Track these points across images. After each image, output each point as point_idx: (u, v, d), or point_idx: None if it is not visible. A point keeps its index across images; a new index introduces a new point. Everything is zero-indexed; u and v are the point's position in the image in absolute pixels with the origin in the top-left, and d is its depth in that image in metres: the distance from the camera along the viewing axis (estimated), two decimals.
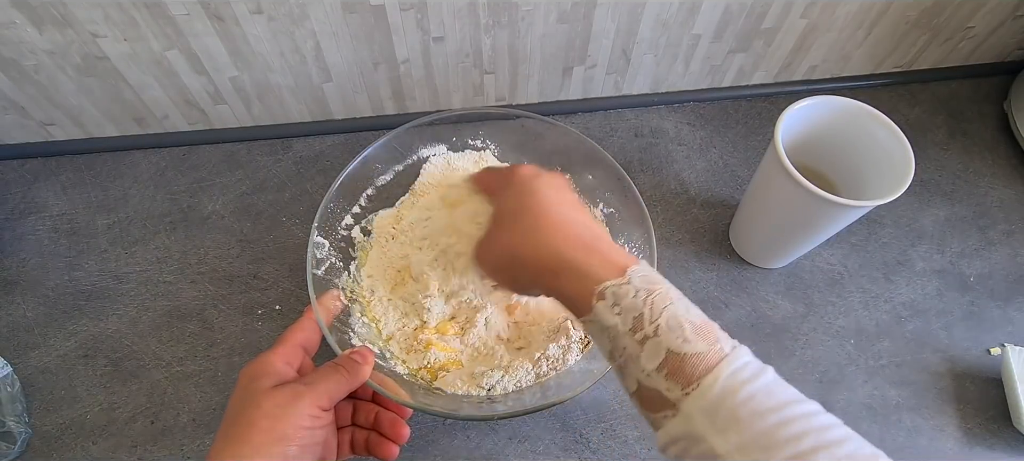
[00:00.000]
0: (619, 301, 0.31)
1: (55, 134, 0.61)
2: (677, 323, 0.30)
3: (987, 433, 0.51)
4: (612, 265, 0.33)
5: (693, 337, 0.29)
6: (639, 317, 0.30)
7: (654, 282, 0.32)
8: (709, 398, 0.28)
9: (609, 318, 0.32)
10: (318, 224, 0.50)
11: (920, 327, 0.56)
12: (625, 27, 0.59)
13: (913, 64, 0.71)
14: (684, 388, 0.29)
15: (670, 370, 0.29)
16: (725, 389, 0.28)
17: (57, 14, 0.49)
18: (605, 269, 0.32)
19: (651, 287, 0.31)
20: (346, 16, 0.53)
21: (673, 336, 0.30)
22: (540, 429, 0.50)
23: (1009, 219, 0.62)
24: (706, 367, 0.29)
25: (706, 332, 0.30)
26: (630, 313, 0.31)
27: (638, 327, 0.30)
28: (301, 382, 0.37)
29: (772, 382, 0.29)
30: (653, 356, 0.30)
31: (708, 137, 0.66)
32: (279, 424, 0.34)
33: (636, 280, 0.31)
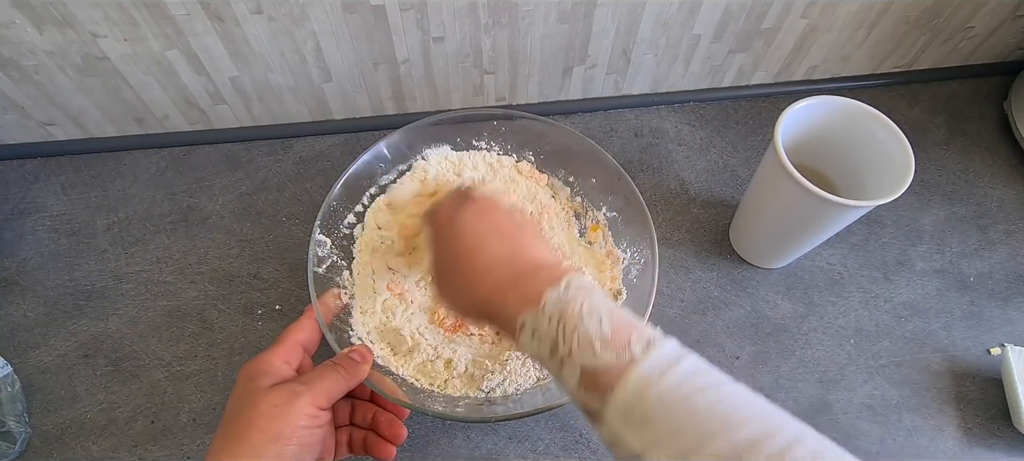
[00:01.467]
0: (536, 330, 0.33)
1: (55, 134, 0.61)
2: (587, 341, 0.31)
3: (987, 433, 0.51)
4: (527, 297, 0.34)
5: (602, 351, 0.31)
6: (554, 342, 0.32)
7: (566, 303, 0.33)
8: (622, 403, 0.29)
9: (531, 347, 0.33)
10: (320, 222, 0.50)
11: (920, 327, 0.56)
12: (625, 27, 0.59)
13: (913, 64, 0.71)
14: (601, 398, 0.30)
15: (587, 385, 0.31)
16: (635, 391, 0.29)
17: (57, 14, 0.49)
18: (522, 303, 0.34)
19: (563, 309, 0.32)
20: (346, 16, 0.53)
21: (584, 354, 0.31)
22: (540, 429, 0.50)
23: (1009, 219, 0.62)
24: (616, 375, 0.30)
25: (616, 340, 0.31)
26: (546, 340, 0.32)
27: (554, 351, 0.32)
28: (299, 381, 0.37)
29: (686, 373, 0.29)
30: (571, 375, 0.31)
31: (708, 137, 0.66)
32: (276, 423, 0.35)
33: (550, 305, 0.33)
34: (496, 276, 0.36)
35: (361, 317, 0.50)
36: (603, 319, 0.32)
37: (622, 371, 0.30)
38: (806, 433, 0.27)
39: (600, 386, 0.30)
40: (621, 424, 0.29)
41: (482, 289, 0.37)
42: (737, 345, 0.54)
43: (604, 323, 0.32)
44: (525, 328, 0.34)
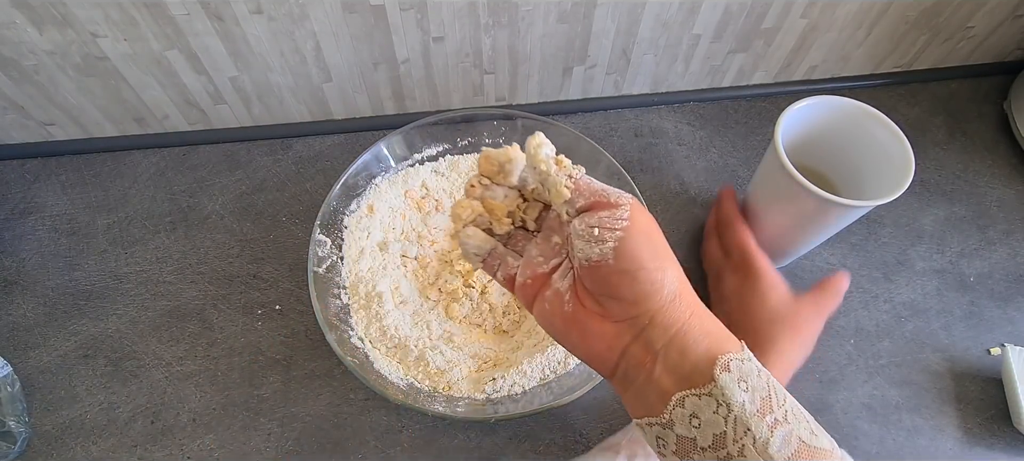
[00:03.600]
0: (745, 377, 0.27)
1: (55, 134, 0.61)
2: (800, 410, 0.27)
3: (987, 433, 0.51)
4: (726, 335, 0.29)
5: (817, 429, 0.27)
6: (767, 398, 0.27)
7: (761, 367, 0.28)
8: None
9: (736, 394, 0.27)
10: (320, 222, 0.50)
11: (920, 327, 0.56)
12: (625, 27, 0.59)
13: (913, 64, 0.71)
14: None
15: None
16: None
17: (57, 14, 0.49)
18: (726, 338, 0.29)
19: (764, 369, 0.28)
20: (346, 16, 0.53)
21: (802, 424, 0.27)
22: (540, 429, 0.50)
23: (1009, 219, 0.62)
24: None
25: (821, 429, 0.27)
26: (758, 392, 0.27)
27: (767, 409, 0.27)
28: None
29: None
30: (786, 444, 0.26)
31: (708, 137, 0.66)
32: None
33: (751, 355, 0.28)
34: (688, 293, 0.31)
35: (363, 314, 0.50)
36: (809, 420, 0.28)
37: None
38: None
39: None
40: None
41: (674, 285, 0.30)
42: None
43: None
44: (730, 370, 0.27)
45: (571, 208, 0.31)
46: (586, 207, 0.31)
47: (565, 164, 0.32)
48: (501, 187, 0.34)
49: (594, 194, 0.31)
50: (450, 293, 0.52)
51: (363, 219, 0.54)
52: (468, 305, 0.51)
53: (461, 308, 0.51)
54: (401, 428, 0.49)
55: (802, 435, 0.26)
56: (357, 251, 0.52)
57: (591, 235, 0.30)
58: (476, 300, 0.52)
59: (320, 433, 0.49)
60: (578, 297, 0.31)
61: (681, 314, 0.29)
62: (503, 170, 0.33)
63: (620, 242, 0.29)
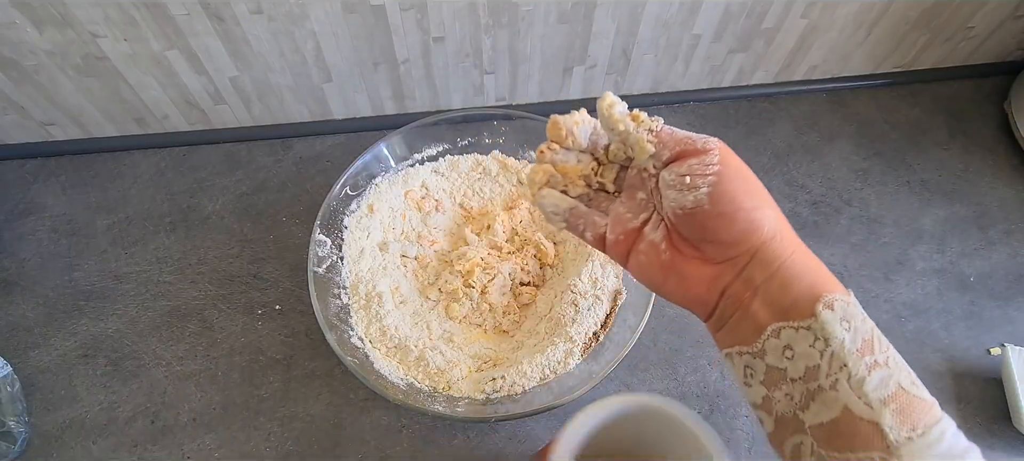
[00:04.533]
0: (849, 318, 0.28)
1: (55, 134, 0.61)
2: (902, 362, 0.27)
3: (987, 433, 0.51)
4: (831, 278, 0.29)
5: (918, 383, 0.27)
6: (869, 341, 0.27)
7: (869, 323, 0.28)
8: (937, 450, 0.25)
9: (837, 331, 0.27)
10: (320, 222, 0.50)
11: (920, 327, 0.56)
12: (625, 27, 0.59)
13: (913, 64, 0.71)
14: (912, 431, 0.25)
15: (899, 407, 0.26)
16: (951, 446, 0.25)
17: (57, 14, 0.49)
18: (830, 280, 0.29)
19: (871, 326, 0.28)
20: (346, 16, 0.53)
21: (903, 373, 0.27)
22: (540, 429, 0.50)
23: (1009, 219, 0.62)
24: (934, 417, 0.26)
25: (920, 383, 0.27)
26: (862, 334, 0.27)
27: (867, 350, 0.27)
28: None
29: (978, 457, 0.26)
30: (883, 386, 0.26)
31: None
32: None
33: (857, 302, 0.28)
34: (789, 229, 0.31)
35: (363, 314, 0.50)
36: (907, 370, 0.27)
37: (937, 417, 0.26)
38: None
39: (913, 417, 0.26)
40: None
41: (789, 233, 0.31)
42: None
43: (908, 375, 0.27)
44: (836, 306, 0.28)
45: (658, 161, 0.32)
46: (673, 157, 0.31)
47: (643, 119, 0.32)
48: (572, 151, 0.34)
49: (680, 142, 0.31)
50: (450, 293, 0.52)
51: (363, 219, 0.54)
52: (468, 305, 0.51)
53: (461, 308, 0.51)
54: (401, 428, 0.49)
55: (903, 381, 0.26)
56: (357, 251, 0.52)
57: (683, 184, 0.30)
58: (476, 300, 0.51)
59: (320, 433, 0.49)
60: (674, 245, 0.32)
61: (783, 251, 0.30)
62: (571, 134, 0.33)
63: (714, 186, 0.29)
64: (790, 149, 0.66)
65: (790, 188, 0.63)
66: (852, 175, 0.64)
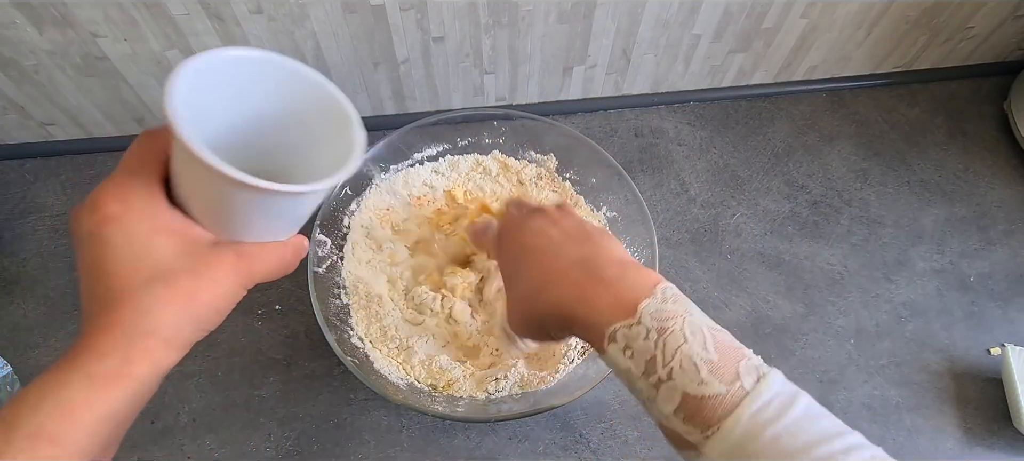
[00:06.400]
0: (630, 344, 0.29)
1: (55, 134, 0.61)
2: (691, 364, 0.28)
3: (987, 433, 0.51)
4: (620, 304, 0.30)
5: (709, 378, 0.27)
6: (651, 360, 0.29)
7: (667, 318, 0.29)
8: (730, 442, 0.26)
9: (622, 363, 0.30)
10: (320, 222, 0.50)
11: (920, 327, 0.56)
12: (625, 27, 0.59)
13: (913, 64, 0.71)
14: (703, 431, 0.27)
15: (687, 414, 0.28)
16: (747, 433, 0.26)
17: (57, 14, 0.49)
18: (613, 310, 0.30)
19: (663, 324, 0.29)
20: (346, 16, 0.53)
21: (687, 379, 0.28)
22: (540, 429, 0.50)
23: (1009, 219, 0.62)
24: (726, 409, 0.27)
25: (725, 369, 0.28)
26: (642, 356, 0.29)
27: (651, 371, 0.29)
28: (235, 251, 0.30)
29: (801, 417, 0.27)
30: (668, 400, 0.28)
31: (708, 137, 0.66)
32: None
33: (647, 318, 0.29)
34: (573, 276, 0.33)
35: (363, 314, 0.50)
36: (707, 340, 0.29)
37: (732, 405, 0.27)
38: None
39: (703, 418, 0.27)
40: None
41: (558, 291, 0.33)
42: None
43: (709, 345, 0.28)
44: (616, 341, 0.30)
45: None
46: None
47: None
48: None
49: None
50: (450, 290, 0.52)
51: (363, 219, 0.54)
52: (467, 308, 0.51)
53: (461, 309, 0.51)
54: (401, 428, 0.49)
55: (687, 387, 0.28)
56: (357, 251, 0.52)
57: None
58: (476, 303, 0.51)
59: (320, 433, 0.49)
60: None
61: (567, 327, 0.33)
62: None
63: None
64: (790, 149, 0.66)
65: (790, 188, 0.63)
66: (852, 175, 0.64)
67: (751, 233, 0.60)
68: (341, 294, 0.51)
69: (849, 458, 0.26)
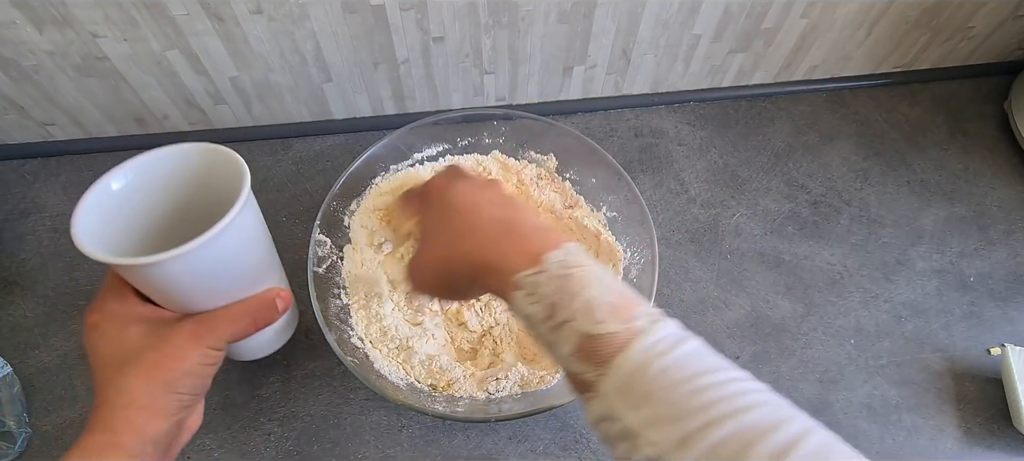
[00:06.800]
0: (535, 290, 0.31)
1: (55, 134, 0.61)
2: (590, 306, 0.29)
3: (987, 433, 0.51)
4: (528, 254, 0.32)
5: (607, 318, 0.29)
6: (553, 305, 0.30)
7: (570, 266, 0.31)
8: (622, 376, 0.28)
9: (526, 308, 0.31)
10: (320, 222, 0.50)
11: (920, 327, 0.56)
12: (625, 27, 0.59)
13: (913, 64, 0.71)
14: (598, 369, 0.29)
15: (584, 353, 0.29)
16: (638, 365, 0.27)
17: (57, 14, 0.49)
18: (522, 259, 0.32)
19: (566, 272, 0.31)
20: (346, 16, 0.53)
21: (585, 319, 0.29)
22: (540, 429, 0.50)
23: (1009, 219, 0.62)
24: (619, 345, 0.28)
25: (622, 311, 0.29)
26: (544, 301, 0.31)
27: (552, 314, 0.30)
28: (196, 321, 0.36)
29: (690, 352, 0.28)
30: (567, 341, 0.30)
31: (708, 137, 0.66)
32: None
33: (552, 267, 0.31)
34: (492, 230, 0.35)
35: (363, 314, 0.50)
36: (607, 289, 0.30)
37: (625, 342, 0.28)
38: (814, 427, 0.26)
39: (599, 355, 0.29)
40: (617, 397, 0.28)
41: (476, 241, 0.35)
42: (737, 345, 0.54)
43: (609, 293, 0.30)
44: (522, 286, 0.31)
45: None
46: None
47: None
48: None
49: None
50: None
51: (363, 219, 0.54)
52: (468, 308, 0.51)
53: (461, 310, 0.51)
54: (401, 428, 0.49)
55: (586, 327, 0.29)
56: (357, 251, 0.52)
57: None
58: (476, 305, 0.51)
59: (320, 433, 0.49)
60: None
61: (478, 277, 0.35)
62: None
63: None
64: (790, 149, 0.66)
65: (790, 188, 0.63)
66: (852, 175, 0.64)
67: (751, 233, 0.60)
68: (341, 294, 0.51)
69: (732, 386, 0.27)
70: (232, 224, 0.34)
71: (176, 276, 0.34)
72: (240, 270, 0.37)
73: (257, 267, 0.39)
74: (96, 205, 0.36)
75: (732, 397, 0.26)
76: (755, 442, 0.25)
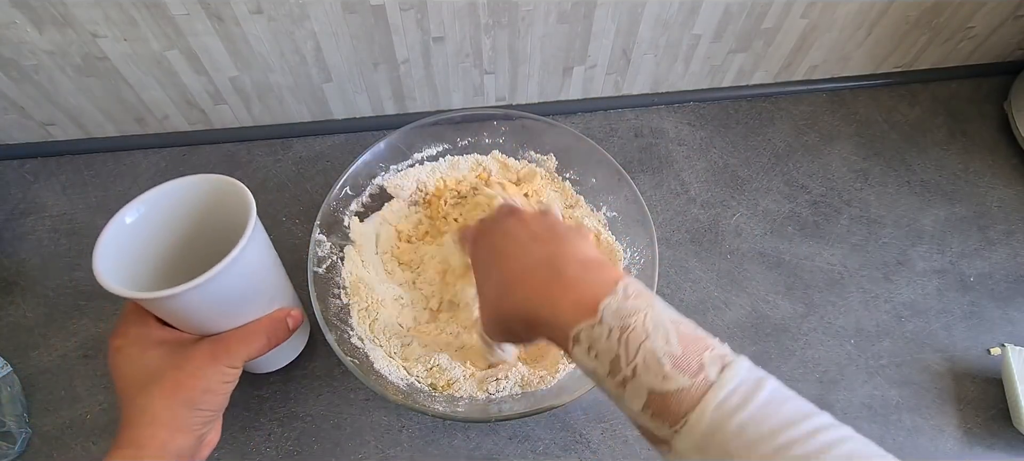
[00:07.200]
0: (594, 345, 0.30)
1: (55, 134, 0.61)
2: (655, 360, 0.28)
3: (987, 433, 0.51)
4: (582, 305, 0.30)
5: (673, 372, 0.27)
6: (615, 359, 0.29)
7: (628, 314, 0.29)
8: (697, 435, 0.26)
9: (587, 363, 0.30)
10: (320, 222, 0.50)
11: (920, 327, 0.56)
12: (625, 27, 0.59)
13: (913, 64, 0.71)
14: (671, 426, 0.27)
15: (655, 410, 0.28)
16: (713, 424, 0.26)
17: (57, 14, 0.49)
18: (576, 311, 0.31)
19: (625, 322, 0.29)
20: (346, 16, 0.53)
21: (651, 375, 0.28)
22: (540, 429, 0.50)
23: (1009, 219, 0.62)
24: (691, 402, 0.27)
25: (689, 361, 0.28)
26: (606, 356, 0.29)
27: (615, 370, 0.29)
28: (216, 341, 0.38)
29: (766, 403, 0.27)
30: (635, 397, 0.28)
31: (708, 137, 0.66)
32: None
33: (609, 317, 0.30)
34: (538, 277, 0.33)
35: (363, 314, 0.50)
36: (670, 334, 0.29)
37: (697, 398, 0.27)
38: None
39: (670, 413, 0.27)
40: (695, 455, 0.26)
41: (523, 292, 0.33)
42: (737, 345, 0.54)
43: (672, 339, 0.28)
44: (580, 342, 0.30)
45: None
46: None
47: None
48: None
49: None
50: (451, 299, 0.52)
51: (363, 219, 0.54)
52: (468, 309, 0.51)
53: (462, 310, 0.51)
54: (401, 428, 0.49)
55: (652, 384, 0.28)
56: (357, 251, 0.52)
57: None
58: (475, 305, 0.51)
59: (320, 433, 0.49)
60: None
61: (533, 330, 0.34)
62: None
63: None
64: (790, 149, 0.66)
65: (790, 188, 0.63)
66: (852, 175, 0.64)
67: (751, 233, 0.60)
68: (341, 294, 0.51)
69: (815, 439, 0.26)
70: (241, 255, 0.36)
71: (192, 304, 0.36)
72: (251, 293, 0.40)
73: (267, 289, 0.42)
74: (113, 239, 0.39)
75: (817, 454, 0.25)
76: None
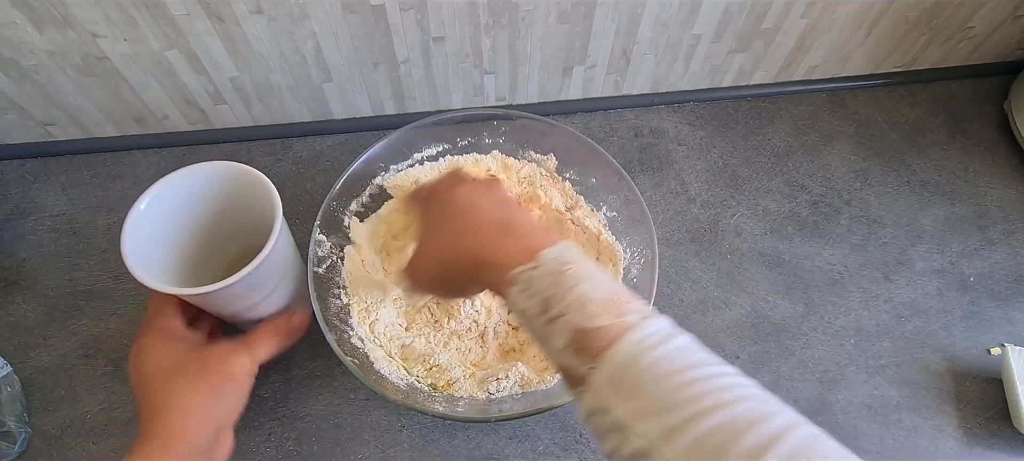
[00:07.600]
0: (529, 286, 0.32)
1: (55, 134, 0.61)
2: (583, 301, 0.30)
3: (987, 433, 0.51)
4: (524, 251, 0.33)
5: (599, 312, 0.30)
6: (547, 299, 0.31)
7: (565, 262, 0.32)
8: (612, 368, 0.28)
9: (520, 302, 0.32)
10: (320, 222, 0.50)
11: (920, 327, 0.56)
12: (625, 27, 0.59)
13: (913, 64, 0.71)
14: (589, 362, 0.29)
15: (577, 346, 0.30)
16: (628, 357, 0.28)
17: (57, 14, 0.49)
18: (518, 256, 0.33)
19: (561, 268, 0.32)
20: (346, 16, 0.53)
21: (578, 314, 0.30)
22: (540, 429, 0.50)
23: (1009, 219, 0.62)
24: (610, 339, 0.29)
25: (614, 306, 0.30)
26: (539, 296, 0.31)
27: (545, 309, 0.31)
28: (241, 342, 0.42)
29: (680, 347, 0.29)
30: (560, 335, 0.30)
31: (708, 137, 0.66)
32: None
33: (547, 263, 0.32)
34: (492, 228, 0.36)
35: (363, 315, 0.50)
36: (601, 284, 0.31)
37: (616, 335, 0.29)
38: (800, 421, 0.26)
39: (591, 349, 0.29)
40: (608, 390, 0.28)
41: (473, 239, 0.36)
42: (737, 345, 0.54)
43: (602, 288, 0.31)
44: (518, 282, 0.32)
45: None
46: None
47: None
48: None
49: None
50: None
51: (363, 219, 0.54)
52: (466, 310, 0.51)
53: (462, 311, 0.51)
54: (401, 428, 0.49)
55: (578, 321, 0.30)
56: (357, 251, 0.52)
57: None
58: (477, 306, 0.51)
59: (320, 433, 0.49)
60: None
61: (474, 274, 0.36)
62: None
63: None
64: (790, 149, 0.66)
65: (790, 188, 0.63)
66: (852, 175, 0.64)
67: (751, 233, 0.60)
68: (341, 294, 0.51)
69: (719, 380, 0.27)
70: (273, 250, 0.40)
71: (223, 298, 0.39)
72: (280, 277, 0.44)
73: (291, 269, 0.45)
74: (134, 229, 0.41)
75: (719, 391, 0.27)
76: (740, 435, 0.25)
